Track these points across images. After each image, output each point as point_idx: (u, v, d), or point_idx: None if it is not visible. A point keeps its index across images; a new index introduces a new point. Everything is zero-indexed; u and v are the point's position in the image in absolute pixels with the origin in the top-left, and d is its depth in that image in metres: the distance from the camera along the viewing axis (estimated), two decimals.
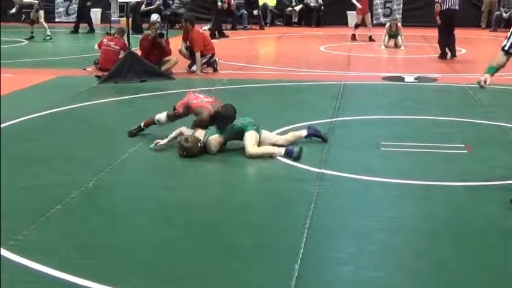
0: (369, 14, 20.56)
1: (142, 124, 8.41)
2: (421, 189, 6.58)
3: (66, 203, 6.08)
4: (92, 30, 22.32)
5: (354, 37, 20.25)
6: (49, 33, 20.09)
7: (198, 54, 13.48)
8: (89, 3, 22.81)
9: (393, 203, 6.20)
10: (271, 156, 7.50)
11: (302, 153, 7.42)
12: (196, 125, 7.86)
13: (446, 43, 15.71)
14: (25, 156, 7.35)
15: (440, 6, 15.40)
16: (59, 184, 6.64)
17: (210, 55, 13.79)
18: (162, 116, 8.34)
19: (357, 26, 20.32)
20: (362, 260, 5.00)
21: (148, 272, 4.78)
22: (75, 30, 22.28)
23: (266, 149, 7.63)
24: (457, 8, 15.46)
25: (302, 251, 5.06)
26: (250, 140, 7.55)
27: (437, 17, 15.59)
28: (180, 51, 13.94)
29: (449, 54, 15.82)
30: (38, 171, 7.11)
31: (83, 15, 22.74)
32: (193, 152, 7.52)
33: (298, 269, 4.75)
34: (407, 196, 6.43)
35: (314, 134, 8.11)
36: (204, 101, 8.03)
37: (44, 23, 20.23)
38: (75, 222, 5.72)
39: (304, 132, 8.08)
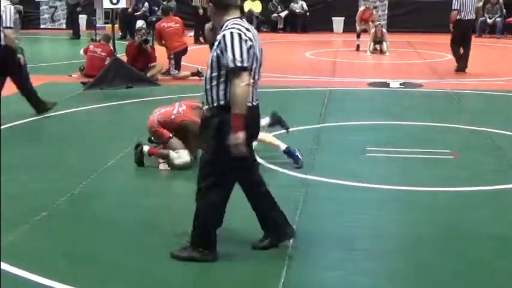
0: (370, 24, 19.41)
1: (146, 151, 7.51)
2: (406, 195, 6.60)
3: (51, 210, 6.06)
4: (77, 36, 22.31)
5: (358, 47, 19.07)
6: None
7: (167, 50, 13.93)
8: (79, 9, 22.89)
9: (378, 208, 6.21)
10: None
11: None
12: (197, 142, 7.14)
13: (460, 54, 14.60)
14: (10, 163, 7.30)
15: (458, 14, 14.18)
16: (44, 191, 6.61)
17: (172, 54, 13.80)
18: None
19: (358, 35, 19.28)
20: (347, 266, 5.00)
21: (136, 279, 4.77)
22: (77, 36, 22.29)
23: (271, 138, 7.61)
24: (474, 17, 14.61)
25: (288, 257, 5.06)
26: None
27: (451, 25, 14.53)
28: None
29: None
30: (23, 178, 7.07)
31: (73, 22, 22.83)
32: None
33: (285, 275, 4.76)
34: (393, 201, 6.44)
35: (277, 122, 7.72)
36: (182, 112, 7.47)
37: None
38: (60, 230, 5.69)
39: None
